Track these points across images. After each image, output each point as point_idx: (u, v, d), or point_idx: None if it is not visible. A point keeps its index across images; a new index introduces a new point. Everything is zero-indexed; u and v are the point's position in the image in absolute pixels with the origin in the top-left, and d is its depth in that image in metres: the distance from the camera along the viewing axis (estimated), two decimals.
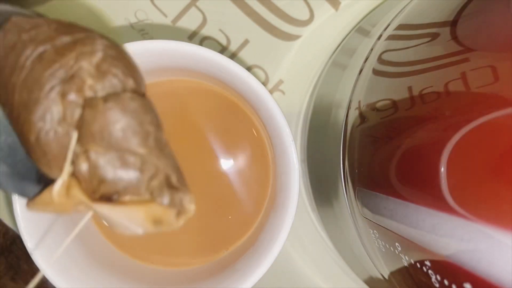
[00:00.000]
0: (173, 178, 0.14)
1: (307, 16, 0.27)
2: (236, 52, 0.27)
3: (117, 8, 0.27)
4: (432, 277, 0.15)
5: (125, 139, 0.13)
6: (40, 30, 0.14)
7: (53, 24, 0.14)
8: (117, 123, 0.13)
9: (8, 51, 0.14)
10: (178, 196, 0.14)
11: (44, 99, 0.13)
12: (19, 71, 0.14)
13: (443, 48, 0.16)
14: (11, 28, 0.14)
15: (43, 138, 0.13)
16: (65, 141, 0.13)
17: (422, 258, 0.15)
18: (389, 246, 0.18)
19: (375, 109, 0.19)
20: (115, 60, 0.14)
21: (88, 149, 0.13)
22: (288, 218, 0.20)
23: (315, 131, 0.26)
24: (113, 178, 0.13)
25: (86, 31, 0.14)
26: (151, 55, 0.20)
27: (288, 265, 0.28)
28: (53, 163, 0.14)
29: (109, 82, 0.14)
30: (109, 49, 0.14)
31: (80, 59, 0.14)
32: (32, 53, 0.14)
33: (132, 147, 0.13)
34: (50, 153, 0.14)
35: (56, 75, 0.13)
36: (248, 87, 0.20)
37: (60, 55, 0.14)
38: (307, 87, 0.27)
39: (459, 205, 0.13)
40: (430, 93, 0.16)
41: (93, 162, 0.13)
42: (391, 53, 0.20)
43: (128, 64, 0.15)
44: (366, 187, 0.19)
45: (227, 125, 0.24)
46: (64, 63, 0.13)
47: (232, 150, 0.24)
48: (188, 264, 0.24)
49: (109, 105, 0.13)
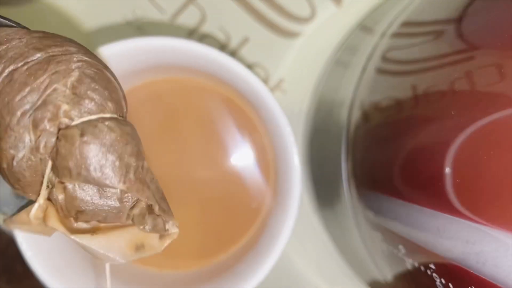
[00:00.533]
0: (155, 207, 0.14)
1: (308, 13, 0.27)
2: (236, 50, 0.27)
3: (115, 5, 0.27)
4: (436, 280, 0.15)
5: (103, 176, 0.13)
6: (10, 45, 0.13)
7: (25, 37, 0.13)
8: (94, 160, 0.13)
9: None
10: (160, 221, 0.14)
11: (16, 125, 0.13)
12: None
13: (448, 46, 0.16)
14: None
15: (16, 166, 0.13)
16: (39, 168, 0.13)
17: (426, 261, 0.15)
18: (392, 248, 0.18)
19: (378, 109, 0.19)
20: (93, 81, 0.13)
21: (64, 181, 0.13)
22: (289, 220, 0.20)
23: (316, 131, 0.26)
24: (92, 209, 0.13)
25: (62, 44, 0.14)
26: (149, 53, 0.20)
27: (289, 268, 0.28)
28: (28, 189, 0.13)
29: (85, 107, 0.13)
30: (86, 68, 0.13)
31: (54, 81, 0.13)
32: (1, 73, 0.13)
33: (111, 183, 0.13)
34: (23, 180, 0.13)
35: (27, 100, 0.13)
36: (249, 86, 0.20)
37: (32, 76, 0.13)
38: (308, 86, 0.27)
39: (464, 207, 0.13)
40: (434, 92, 0.16)
41: (69, 193, 0.13)
42: (395, 51, 0.20)
43: (107, 83, 0.14)
44: (369, 188, 0.19)
45: (227, 124, 0.24)
46: (36, 86, 0.13)
47: (232, 150, 0.24)
48: (187, 267, 0.24)
49: (85, 138, 0.13)
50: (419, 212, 0.15)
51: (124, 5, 0.27)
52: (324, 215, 0.27)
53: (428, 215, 0.15)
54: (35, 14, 0.27)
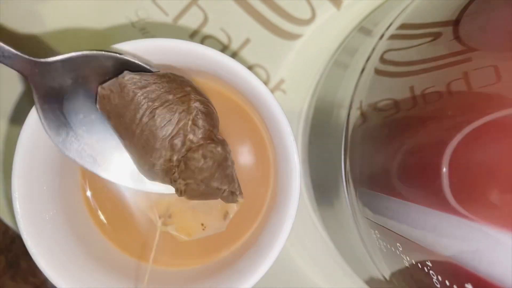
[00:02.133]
0: (236, 191, 0.21)
1: (309, 15, 0.27)
2: (238, 51, 0.27)
3: (118, 7, 0.27)
4: (433, 277, 0.15)
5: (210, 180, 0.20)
6: (150, 89, 0.20)
7: (158, 82, 0.20)
8: (210, 172, 0.20)
9: (127, 103, 0.19)
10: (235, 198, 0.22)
11: (159, 147, 0.20)
12: (138, 122, 0.20)
13: (446, 47, 0.16)
14: (127, 84, 0.19)
15: (155, 169, 0.20)
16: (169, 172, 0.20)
17: (423, 258, 0.15)
18: (390, 246, 0.18)
19: (376, 109, 0.19)
20: (205, 115, 0.20)
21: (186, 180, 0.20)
22: (289, 218, 0.20)
23: (316, 131, 0.26)
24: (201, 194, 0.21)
25: (181, 86, 0.20)
26: (152, 53, 0.20)
27: (289, 265, 0.28)
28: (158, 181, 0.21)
29: (201, 134, 0.20)
30: (200, 105, 0.20)
31: (182, 118, 0.20)
32: (146, 110, 0.19)
33: (214, 185, 0.21)
34: (157, 177, 0.21)
35: (166, 129, 0.20)
36: (250, 86, 0.20)
37: (168, 114, 0.20)
38: (308, 86, 0.27)
39: (461, 205, 0.13)
40: (432, 93, 0.16)
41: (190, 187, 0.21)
42: (393, 53, 0.20)
43: (212, 114, 0.21)
44: (367, 187, 0.19)
45: (227, 124, 0.24)
46: (171, 121, 0.20)
47: (233, 150, 0.24)
48: (188, 264, 0.24)
49: (206, 159, 0.20)
50: (417, 210, 0.15)
51: (128, 7, 0.27)
52: (323, 213, 0.27)
53: (425, 213, 0.15)
54: (38, 15, 0.27)
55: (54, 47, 0.27)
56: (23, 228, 0.20)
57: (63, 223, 0.22)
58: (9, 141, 0.27)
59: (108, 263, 0.23)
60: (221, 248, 0.24)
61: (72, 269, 0.21)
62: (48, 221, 0.21)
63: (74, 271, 0.21)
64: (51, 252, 0.21)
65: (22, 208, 0.20)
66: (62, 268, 0.21)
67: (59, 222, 0.22)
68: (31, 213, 0.20)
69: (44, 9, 0.27)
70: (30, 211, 0.20)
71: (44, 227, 0.21)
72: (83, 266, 0.22)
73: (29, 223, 0.20)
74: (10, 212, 0.28)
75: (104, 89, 0.20)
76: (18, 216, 0.20)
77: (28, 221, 0.20)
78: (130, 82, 0.19)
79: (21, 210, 0.20)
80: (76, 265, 0.21)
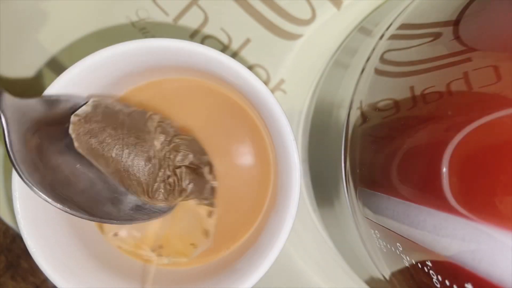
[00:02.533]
0: (210, 198, 0.23)
1: (309, 15, 0.27)
2: (238, 51, 0.27)
3: (118, 7, 0.27)
4: (433, 277, 0.15)
5: (199, 193, 0.23)
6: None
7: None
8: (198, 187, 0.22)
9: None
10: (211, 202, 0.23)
11: (149, 138, 0.21)
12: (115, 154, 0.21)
13: (446, 47, 0.16)
14: (80, 134, 0.21)
15: (152, 162, 0.21)
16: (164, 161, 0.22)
17: (423, 258, 0.15)
18: (390, 246, 0.18)
19: (376, 109, 0.19)
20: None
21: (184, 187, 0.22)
22: (289, 218, 0.20)
23: (316, 131, 0.26)
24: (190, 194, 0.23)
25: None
26: (152, 53, 0.20)
27: (289, 265, 0.28)
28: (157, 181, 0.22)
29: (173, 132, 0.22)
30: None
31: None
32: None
33: (203, 198, 0.23)
34: (156, 177, 0.22)
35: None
36: (250, 86, 0.20)
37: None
38: (308, 86, 0.27)
39: (461, 205, 0.13)
40: (432, 93, 0.16)
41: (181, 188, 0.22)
42: (393, 53, 0.20)
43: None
44: (367, 187, 0.19)
45: (228, 124, 0.24)
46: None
47: (233, 149, 0.24)
48: (189, 264, 0.24)
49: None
50: (417, 210, 0.15)
51: (128, 7, 0.27)
52: (323, 213, 0.27)
53: (425, 213, 0.15)
54: (38, 15, 0.27)
55: (53, 51, 0.27)
56: (24, 227, 0.20)
57: (64, 223, 0.22)
58: None
59: (108, 262, 0.23)
60: (221, 248, 0.24)
61: (72, 268, 0.21)
62: (49, 220, 0.21)
63: (74, 271, 0.21)
64: (51, 251, 0.21)
65: (23, 208, 0.20)
66: (62, 268, 0.21)
67: (59, 222, 0.22)
68: (32, 213, 0.21)
69: (44, 9, 0.27)
70: (30, 211, 0.20)
71: (45, 226, 0.21)
72: (83, 266, 0.22)
73: (30, 223, 0.20)
74: (10, 212, 0.28)
75: (76, 133, 0.20)
76: (19, 215, 0.20)
77: (28, 221, 0.20)
78: (82, 133, 0.20)
79: (22, 210, 0.20)
80: (76, 265, 0.21)
